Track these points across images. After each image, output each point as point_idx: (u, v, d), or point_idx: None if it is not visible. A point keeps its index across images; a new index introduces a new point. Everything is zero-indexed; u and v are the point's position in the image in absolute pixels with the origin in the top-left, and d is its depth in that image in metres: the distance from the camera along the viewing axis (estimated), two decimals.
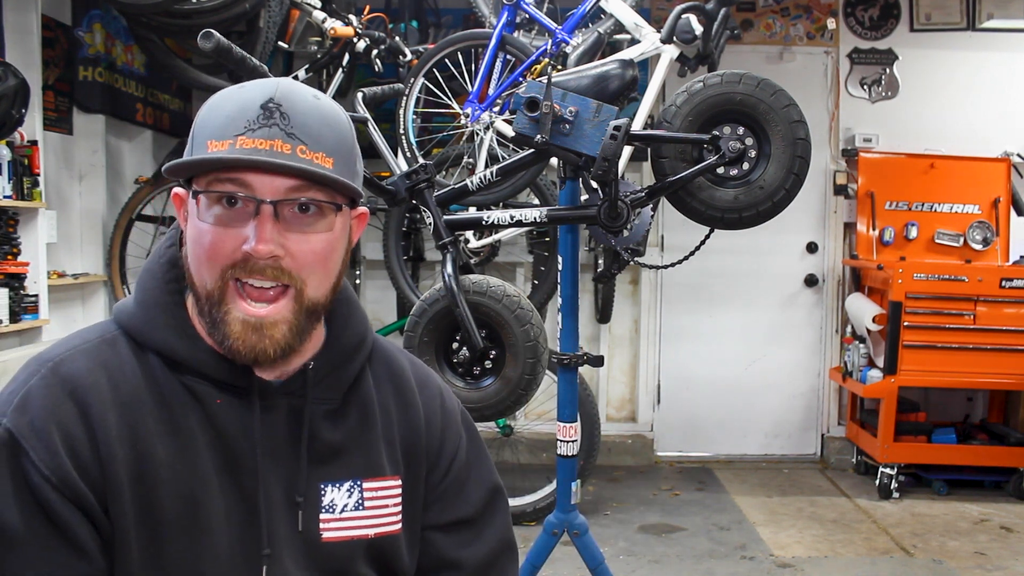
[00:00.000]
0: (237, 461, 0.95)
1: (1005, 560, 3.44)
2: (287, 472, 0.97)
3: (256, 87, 0.93)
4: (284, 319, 0.93)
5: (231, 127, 0.89)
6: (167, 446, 0.92)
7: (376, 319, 4.82)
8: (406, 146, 3.35)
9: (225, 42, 1.64)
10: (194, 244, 0.92)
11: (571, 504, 2.32)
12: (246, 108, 0.90)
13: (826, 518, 3.95)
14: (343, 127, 0.97)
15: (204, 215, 0.91)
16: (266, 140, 0.89)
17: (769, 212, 2.10)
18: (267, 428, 0.97)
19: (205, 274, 0.91)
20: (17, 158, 3.28)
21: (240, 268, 0.90)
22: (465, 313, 2.09)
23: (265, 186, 0.90)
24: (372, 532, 1.02)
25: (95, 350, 0.95)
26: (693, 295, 4.85)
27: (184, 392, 0.94)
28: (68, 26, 3.72)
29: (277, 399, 0.98)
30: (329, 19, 3.47)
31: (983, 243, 4.52)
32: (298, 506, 0.97)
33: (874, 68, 4.80)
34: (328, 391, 1.02)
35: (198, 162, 0.90)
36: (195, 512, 0.92)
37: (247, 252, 0.89)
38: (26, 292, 3.32)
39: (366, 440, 1.04)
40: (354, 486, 1.01)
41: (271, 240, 0.89)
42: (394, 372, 1.11)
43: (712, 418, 4.91)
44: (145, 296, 0.98)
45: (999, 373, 4.14)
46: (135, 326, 0.96)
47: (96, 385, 0.91)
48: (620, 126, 1.97)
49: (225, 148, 0.89)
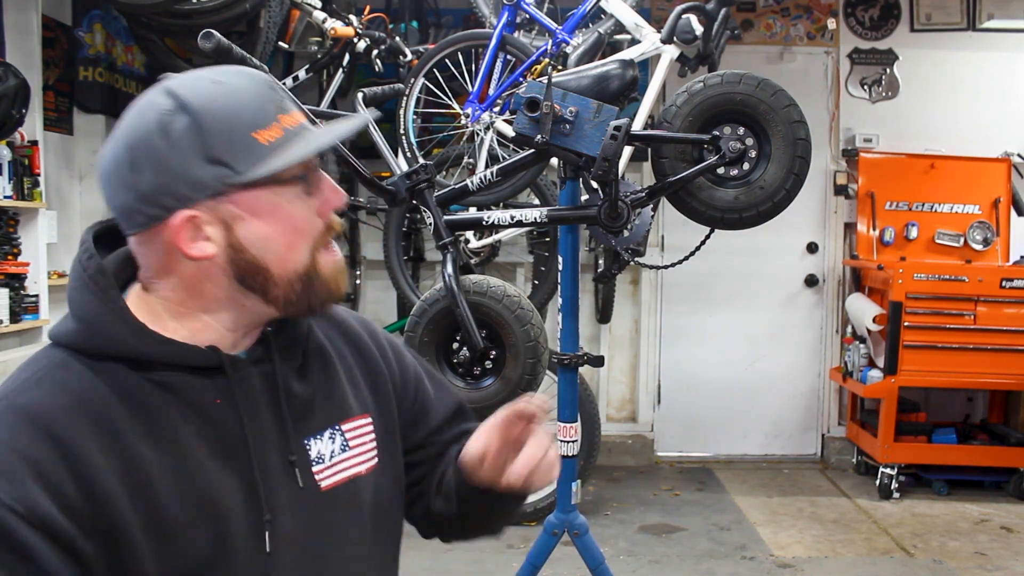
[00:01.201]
0: (226, 440, 0.95)
1: (1005, 560, 3.44)
2: (274, 436, 0.99)
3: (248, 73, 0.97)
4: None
5: (264, 112, 0.93)
6: (154, 448, 0.89)
7: (376, 319, 4.82)
8: (406, 146, 3.35)
9: (225, 42, 1.64)
10: (283, 233, 0.95)
11: (571, 504, 2.32)
12: (258, 89, 0.94)
13: (826, 518, 3.95)
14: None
15: (291, 199, 0.95)
16: (295, 112, 0.95)
17: (769, 212, 2.10)
18: (246, 399, 0.98)
19: (299, 253, 0.96)
20: (17, 158, 3.29)
21: (324, 234, 0.98)
22: (465, 313, 2.09)
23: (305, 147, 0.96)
24: (364, 468, 1.06)
25: (47, 377, 0.89)
26: (693, 295, 4.85)
27: (156, 389, 0.92)
28: (68, 26, 3.73)
29: (247, 369, 0.99)
30: (329, 19, 3.47)
31: (983, 243, 4.52)
32: (293, 464, 0.99)
33: (874, 68, 4.80)
34: (290, 350, 1.05)
35: (303, 155, 0.94)
36: (203, 503, 0.91)
37: (340, 206, 0.99)
38: (26, 292, 3.32)
39: (332, 387, 1.08)
40: (334, 431, 1.05)
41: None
42: (338, 321, 1.16)
43: (712, 418, 4.91)
44: (84, 309, 0.93)
45: (999, 373, 4.14)
46: (84, 341, 0.92)
47: (60, 406, 0.86)
48: (620, 126, 1.97)
49: (281, 134, 0.93)
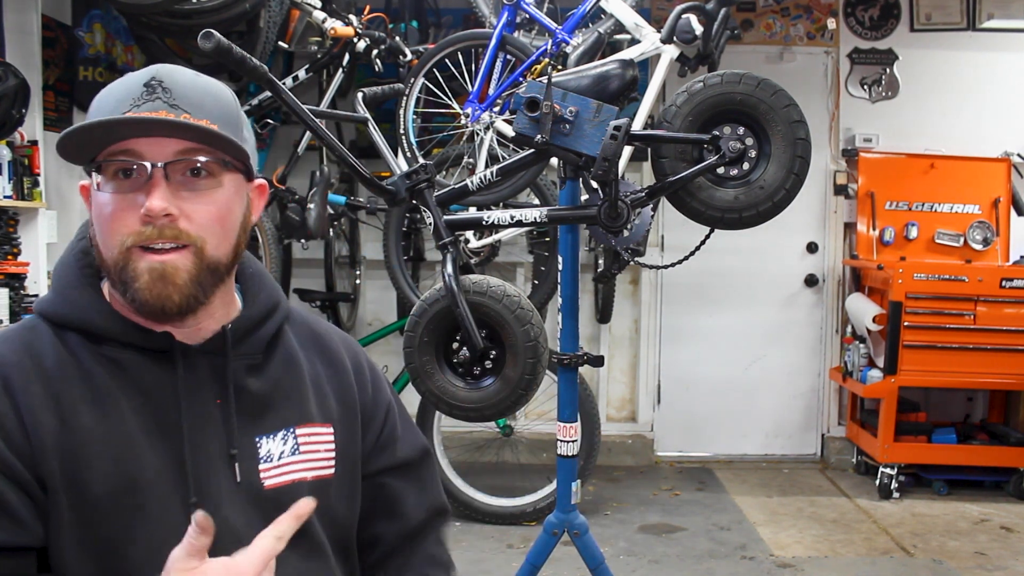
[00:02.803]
0: (164, 421, 0.98)
1: (1005, 560, 3.44)
2: (216, 427, 1.01)
3: (138, 72, 0.99)
4: (186, 268, 0.96)
5: (117, 108, 0.94)
6: (92, 413, 0.95)
7: (376, 319, 4.82)
8: (406, 146, 3.35)
9: (225, 42, 1.64)
10: (98, 220, 0.97)
11: (571, 504, 2.32)
12: (130, 89, 0.96)
13: (826, 518, 3.95)
14: (226, 97, 1.02)
15: (103, 189, 0.95)
16: (151, 112, 0.94)
17: (769, 212, 2.09)
18: (191, 386, 1.00)
19: (111, 244, 0.95)
20: (17, 158, 3.29)
21: (140, 235, 0.94)
22: (465, 313, 2.09)
23: (154, 151, 0.94)
24: (310, 475, 1.06)
25: (16, 337, 0.99)
26: (693, 295, 4.85)
27: (106, 361, 0.98)
28: (68, 26, 3.72)
29: (197, 358, 1.02)
30: (329, 19, 3.47)
31: (983, 243, 4.52)
32: (233, 458, 1.00)
33: (874, 68, 4.80)
34: (248, 347, 1.06)
35: (83, 128, 0.93)
36: (121, 474, 0.94)
37: (144, 215, 0.93)
38: (26, 292, 3.32)
39: (294, 390, 1.08)
40: (288, 433, 1.06)
41: (164, 199, 0.93)
42: (316, 334, 1.16)
43: (712, 418, 4.91)
44: (60, 283, 1.02)
45: (999, 373, 4.14)
46: (53, 310, 1.00)
47: (18, 363, 0.95)
48: (620, 126, 1.97)
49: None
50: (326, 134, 2.08)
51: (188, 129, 0.94)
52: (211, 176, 0.97)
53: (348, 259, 4.63)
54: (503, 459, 4.22)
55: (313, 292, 4.28)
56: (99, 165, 0.95)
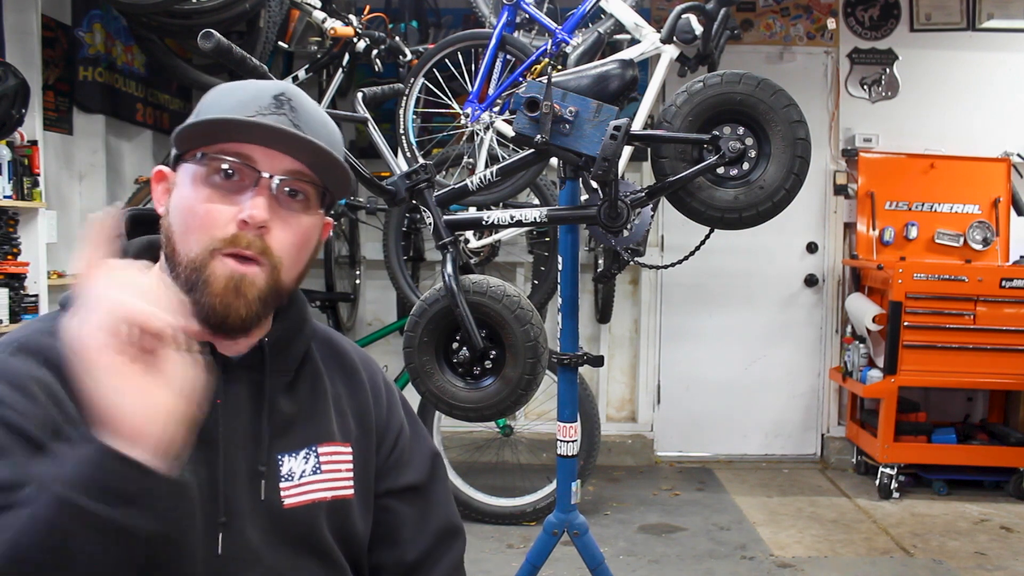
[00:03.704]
0: (201, 434, 0.95)
1: (1005, 560, 3.44)
2: (249, 444, 1.00)
3: (265, 83, 0.99)
4: (260, 284, 0.95)
5: (243, 109, 0.93)
6: None
7: (376, 319, 4.82)
8: (406, 146, 3.35)
9: (225, 42, 1.64)
10: (186, 213, 0.94)
11: (571, 504, 2.31)
12: (259, 95, 0.95)
13: (826, 518, 3.95)
14: (338, 135, 1.04)
15: (203, 182, 0.93)
16: (277, 124, 0.94)
17: (769, 212, 2.09)
18: (230, 401, 0.99)
19: (193, 242, 0.93)
20: (17, 158, 3.28)
21: (228, 242, 0.92)
22: (465, 313, 2.09)
23: (268, 162, 0.93)
24: (329, 495, 1.05)
25: (56, 330, 0.95)
26: (693, 295, 4.85)
27: None
28: (68, 26, 3.72)
29: (238, 372, 1.01)
30: (329, 19, 3.47)
31: (983, 243, 4.52)
32: (260, 475, 0.99)
33: (874, 68, 4.80)
34: (283, 363, 1.05)
35: (216, 122, 0.92)
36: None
37: (242, 221, 0.91)
38: (26, 292, 3.32)
39: (317, 409, 1.08)
40: (309, 452, 1.05)
41: (268, 210, 0.93)
42: (337, 352, 1.16)
43: (712, 418, 4.91)
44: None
45: (999, 373, 4.14)
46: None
47: (67, 359, 0.91)
48: (620, 126, 1.97)
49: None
50: None
51: (316, 152, 0.94)
52: (307, 204, 0.97)
53: (348, 259, 4.63)
54: (503, 459, 4.22)
55: (313, 292, 4.28)
56: (207, 158, 0.93)
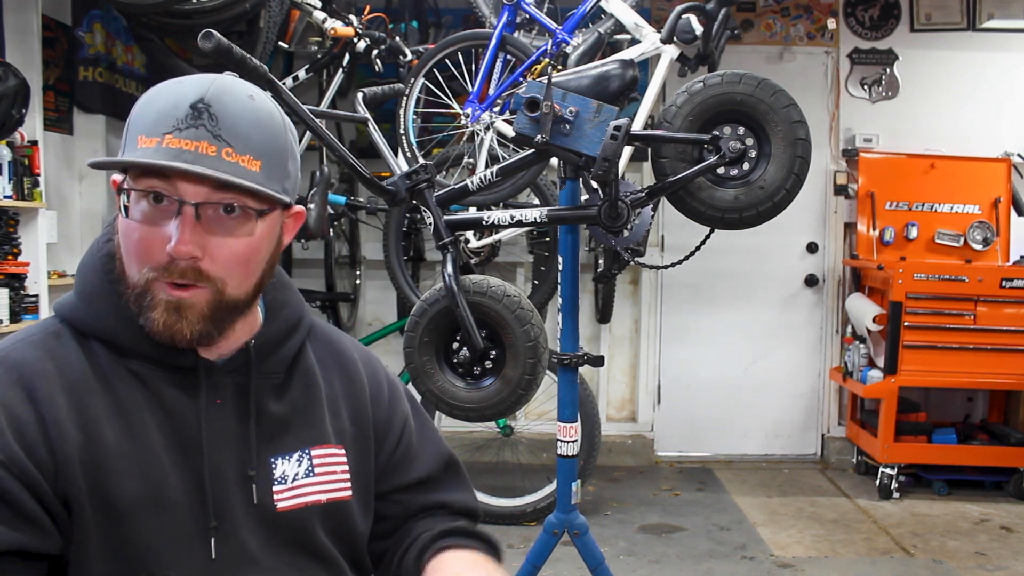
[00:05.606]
0: (186, 439, 0.97)
1: (1005, 560, 3.44)
2: (238, 448, 1.00)
3: (191, 84, 0.95)
4: (201, 306, 0.94)
5: (160, 124, 0.92)
6: (116, 428, 0.94)
7: (376, 319, 4.82)
8: (406, 146, 3.35)
9: (225, 42, 1.64)
10: (124, 238, 0.95)
11: (571, 504, 2.32)
12: (177, 106, 0.92)
13: (826, 518, 3.95)
14: (276, 127, 0.98)
15: (133, 210, 0.93)
16: (192, 141, 0.90)
17: (769, 212, 2.09)
18: (214, 406, 0.99)
19: (134, 268, 0.95)
20: (17, 158, 3.28)
21: (163, 270, 0.93)
22: (465, 313, 2.09)
23: (189, 187, 0.92)
24: (324, 498, 1.05)
25: (40, 341, 0.97)
26: (693, 295, 4.85)
27: (130, 376, 0.97)
28: (68, 26, 3.72)
29: (222, 377, 1.01)
30: (329, 19, 3.47)
31: (983, 243, 4.51)
32: (251, 480, 0.99)
33: (874, 68, 4.80)
34: (271, 366, 1.05)
35: (119, 164, 0.92)
36: (147, 491, 0.93)
37: (169, 254, 0.91)
38: (26, 292, 3.32)
39: (311, 410, 1.07)
40: (303, 455, 1.05)
41: (191, 241, 0.91)
42: (336, 350, 1.15)
43: (712, 418, 4.91)
44: (85, 288, 1.00)
45: (999, 373, 4.14)
46: (77, 317, 0.99)
47: (44, 371, 0.93)
48: (620, 126, 1.97)
49: (153, 146, 0.91)
50: (326, 134, 2.08)
51: (223, 181, 0.91)
52: (244, 217, 0.95)
53: (348, 259, 4.63)
54: (503, 459, 4.22)
55: (313, 292, 4.28)
56: (132, 186, 0.93)
